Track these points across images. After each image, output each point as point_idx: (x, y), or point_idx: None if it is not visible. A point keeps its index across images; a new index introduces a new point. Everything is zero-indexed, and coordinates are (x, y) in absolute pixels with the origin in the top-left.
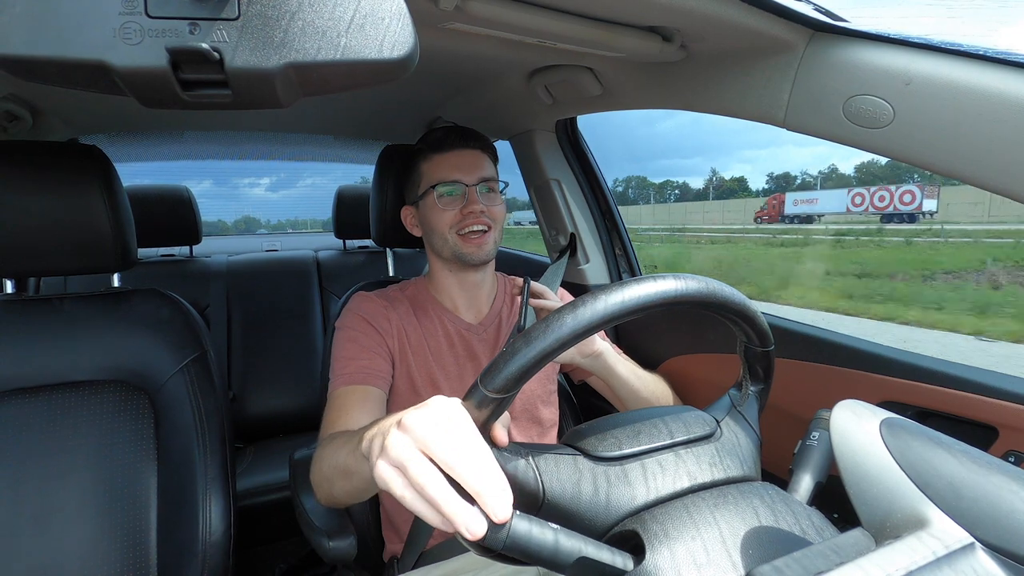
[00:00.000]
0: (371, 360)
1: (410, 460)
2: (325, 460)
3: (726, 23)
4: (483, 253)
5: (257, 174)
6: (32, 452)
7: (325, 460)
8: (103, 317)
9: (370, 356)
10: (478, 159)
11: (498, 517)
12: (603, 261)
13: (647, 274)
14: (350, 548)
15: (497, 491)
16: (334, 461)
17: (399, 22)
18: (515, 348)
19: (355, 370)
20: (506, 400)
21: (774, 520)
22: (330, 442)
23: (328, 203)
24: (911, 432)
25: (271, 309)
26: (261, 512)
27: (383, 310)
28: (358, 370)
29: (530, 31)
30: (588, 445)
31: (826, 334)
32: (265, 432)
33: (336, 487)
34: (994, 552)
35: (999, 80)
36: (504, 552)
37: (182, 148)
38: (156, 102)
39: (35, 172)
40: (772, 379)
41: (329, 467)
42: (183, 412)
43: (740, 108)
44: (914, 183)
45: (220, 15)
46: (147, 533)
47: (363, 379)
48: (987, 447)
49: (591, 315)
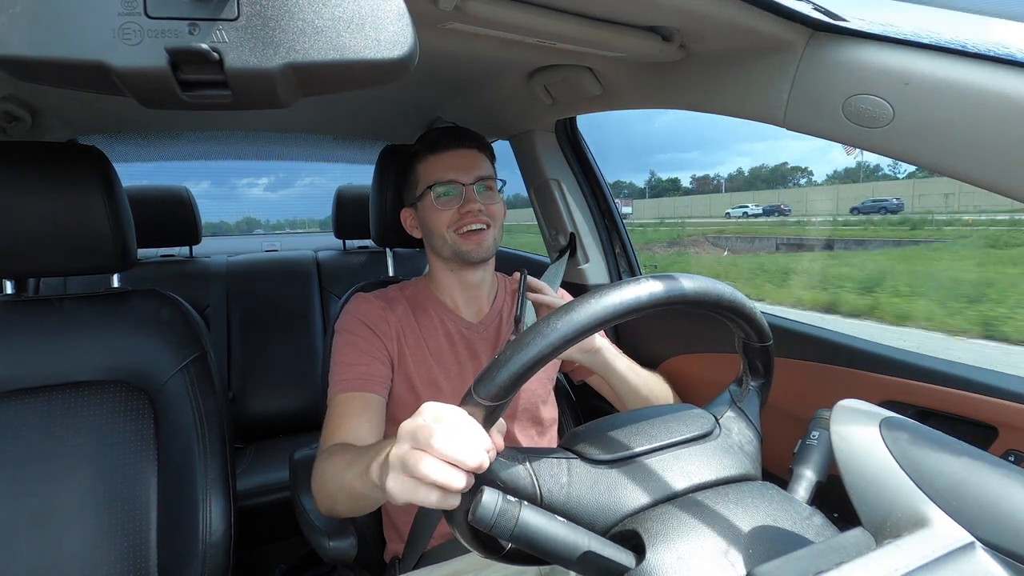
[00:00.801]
0: (370, 365)
1: (407, 457)
2: (328, 477)
3: (726, 23)
4: (482, 251)
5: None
6: (32, 452)
7: (328, 477)
8: (103, 317)
9: (368, 361)
10: (474, 158)
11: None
12: (603, 261)
13: (642, 275)
14: (350, 548)
15: (479, 432)
16: (340, 481)
17: (399, 22)
18: (507, 355)
19: (354, 376)
20: (500, 407)
21: (774, 520)
22: (332, 457)
23: (324, 203)
24: (911, 432)
25: (271, 309)
26: (261, 512)
27: (381, 312)
28: (357, 376)
29: (530, 31)
30: (585, 448)
31: (826, 334)
32: (265, 432)
33: (340, 504)
34: (994, 551)
35: (999, 80)
36: (512, 542)
37: (182, 148)
38: (156, 102)
39: (35, 172)
40: (772, 374)
41: (334, 485)
42: (183, 412)
43: (740, 108)
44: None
45: (220, 15)
46: (147, 533)
47: (362, 386)
48: (987, 447)
49: (581, 320)
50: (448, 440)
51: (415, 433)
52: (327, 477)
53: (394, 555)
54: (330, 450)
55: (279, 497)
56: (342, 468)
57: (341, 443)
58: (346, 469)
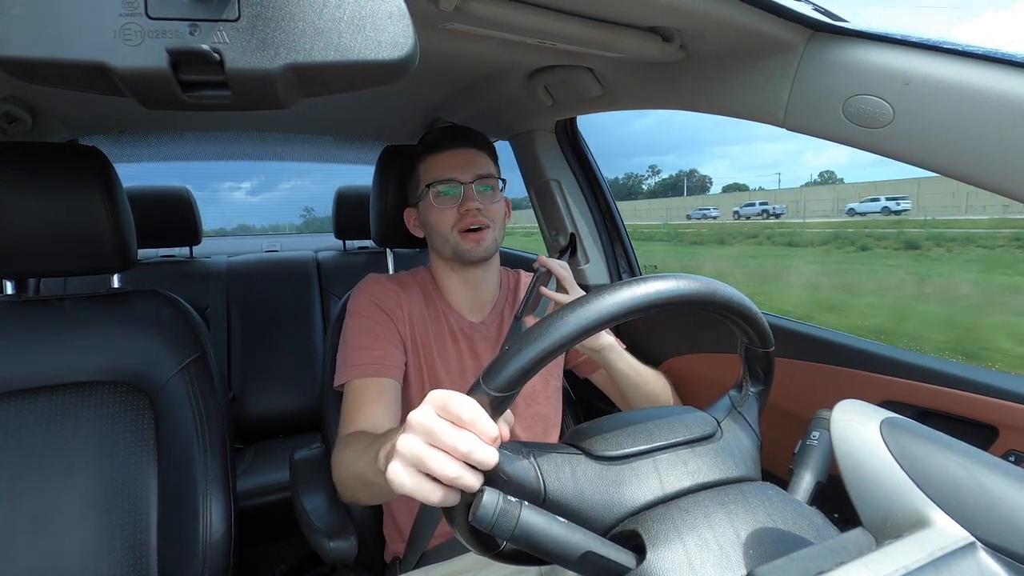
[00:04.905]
0: (384, 350)
1: (419, 452)
2: (345, 465)
3: (726, 23)
4: (481, 250)
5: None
6: (32, 453)
7: (345, 465)
8: (103, 318)
9: (383, 346)
10: (474, 157)
11: (484, 463)
12: (603, 261)
13: (652, 274)
14: (351, 548)
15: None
16: (354, 469)
17: (399, 23)
18: (518, 347)
19: (369, 361)
20: (508, 398)
21: (775, 520)
22: (347, 446)
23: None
24: (911, 432)
25: (271, 310)
26: (261, 513)
27: (395, 295)
28: (372, 361)
29: (530, 31)
30: (590, 444)
31: (826, 334)
32: (265, 432)
33: (359, 493)
34: (995, 552)
35: (999, 80)
36: (512, 542)
37: (182, 149)
38: (156, 103)
39: (35, 173)
40: (772, 380)
41: (349, 474)
42: (183, 413)
43: (740, 108)
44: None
45: (220, 16)
46: (147, 534)
47: (377, 371)
48: (987, 447)
49: (594, 314)
50: (464, 437)
51: (428, 428)
52: (343, 467)
53: (395, 555)
54: (346, 439)
55: (279, 497)
56: (356, 457)
57: (358, 431)
58: (359, 458)
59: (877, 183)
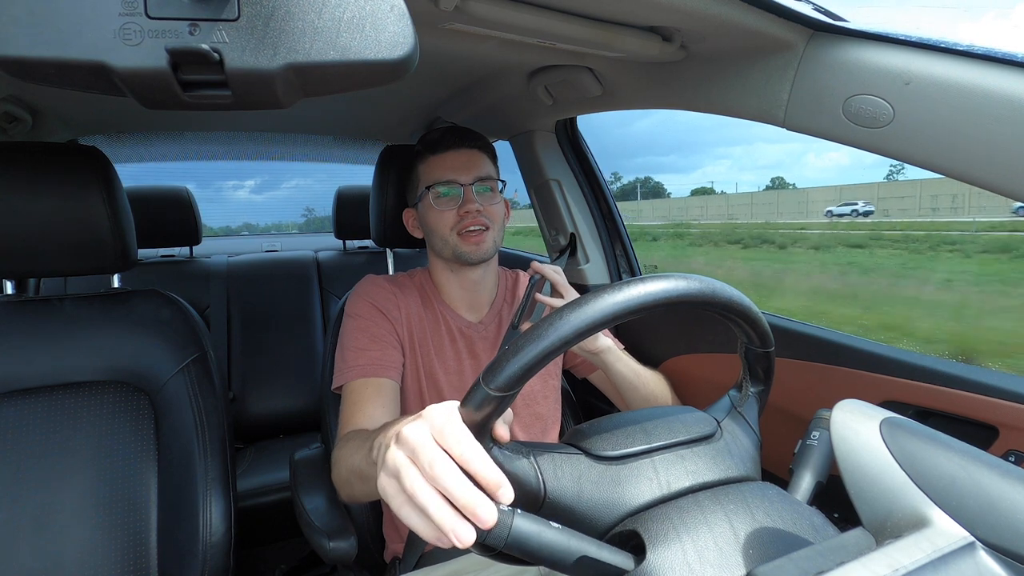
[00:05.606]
0: (383, 351)
1: (402, 468)
2: (343, 462)
3: (726, 23)
4: (481, 251)
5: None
6: (32, 453)
7: (343, 462)
8: (103, 318)
9: (381, 347)
10: (474, 158)
11: (484, 523)
12: (603, 261)
13: (652, 273)
14: (351, 548)
15: (480, 500)
16: (351, 464)
17: (399, 23)
18: (518, 346)
19: (367, 362)
20: (508, 398)
21: (774, 520)
22: (346, 443)
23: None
24: (911, 432)
25: (271, 310)
26: (261, 513)
27: (392, 296)
28: (371, 362)
29: (530, 31)
30: (589, 444)
31: (826, 334)
32: (265, 432)
33: (356, 489)
34: (994, 551)
35: (999, 80)
36: (505, 551)
37: (182, 148)
38: (156, 103)
39: (35, 173)
40: (772, 380)
41: (347, 469)
42: (183, 413)
43: (740, 108)
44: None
45: (220, 16)
46: (147, 534)
47: (375, 371)
48: (987, 447)
49: (594, 314)
50: (465, 488)
51: (424, 457)
52: (341, 464)
53: (394, 555)
54: (345, 437)
55: (279, 497)
56: (352, 452)
57: (356, 429)
58: (355, 453)
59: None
